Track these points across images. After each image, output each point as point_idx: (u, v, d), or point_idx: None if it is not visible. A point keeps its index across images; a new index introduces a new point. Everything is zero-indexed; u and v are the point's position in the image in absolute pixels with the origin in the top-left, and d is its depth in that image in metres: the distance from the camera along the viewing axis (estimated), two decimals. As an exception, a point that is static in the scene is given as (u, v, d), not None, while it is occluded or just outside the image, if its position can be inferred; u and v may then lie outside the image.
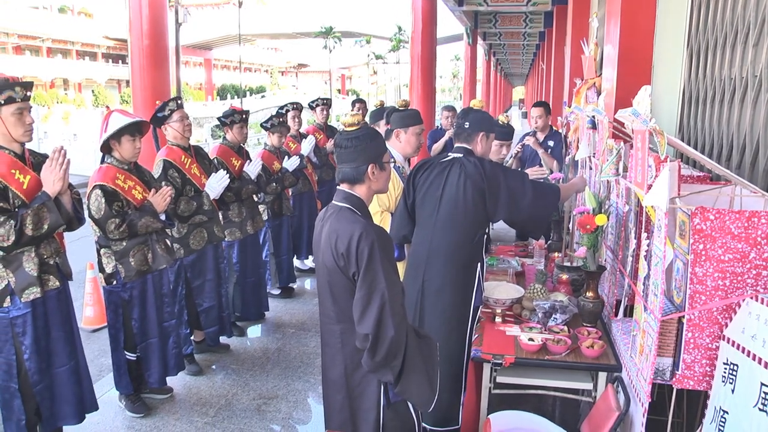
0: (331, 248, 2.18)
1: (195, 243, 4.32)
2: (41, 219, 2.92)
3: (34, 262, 3.01)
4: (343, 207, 2.26)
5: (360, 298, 2.13)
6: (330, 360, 2.38)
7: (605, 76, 4.24)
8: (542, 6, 13.53)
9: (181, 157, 4.22)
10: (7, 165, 2.93)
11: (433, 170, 3.24)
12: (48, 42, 47.90)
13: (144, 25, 8.61)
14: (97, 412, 3.79)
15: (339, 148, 2.29)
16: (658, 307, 2.13)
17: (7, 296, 2.98)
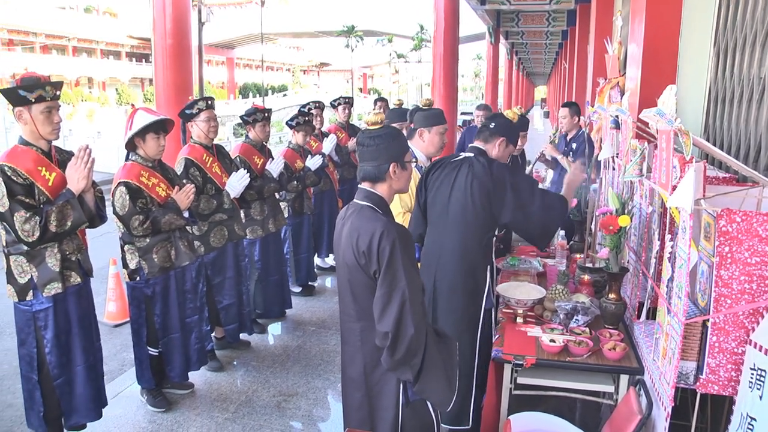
0: (352, 246, 2.18)
1: (215, 241, 4.35)
2: (65, 216, 2.96)
3: (56, 258, 3.06)
4: (364, 205, 2.27)
5: (380, 296, 2.14)
6: (349, 358, 2.38)
7: (629, 76, 4.19)
8: (565, 4, 13.42)
9: (202, 155, 4.26)
10: (34, 162, 2.99)
11: (444, 170, 3.26)
12: (74, 41, 48.60)
13: (167, 25, 8.70)
14: (119, 406, 3.85)
15: (361, 147, 2.29)
16: (682, 310, 2.09)
17: (30, 290, 3.04)
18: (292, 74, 73.76)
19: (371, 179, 2.30)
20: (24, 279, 3.04)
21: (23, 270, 3.04)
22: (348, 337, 2.37)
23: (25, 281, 3.04)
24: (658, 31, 3.76)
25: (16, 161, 2.94)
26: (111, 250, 4.05)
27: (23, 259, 3.02)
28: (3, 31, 42.96)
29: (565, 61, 18.94)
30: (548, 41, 23.27)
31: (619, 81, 4.53)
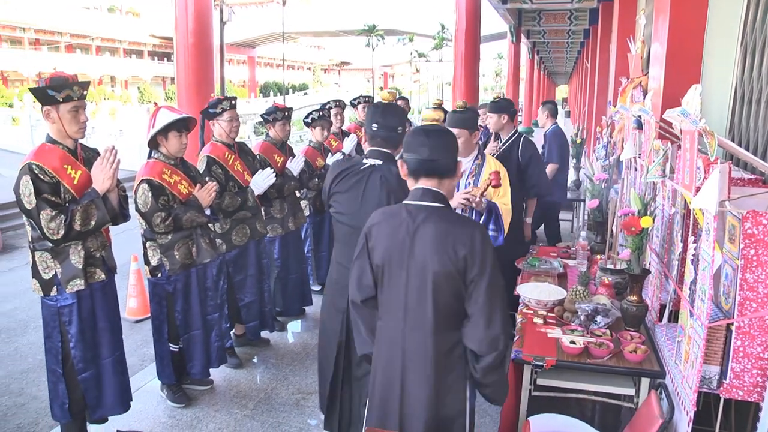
0: (447, 253, 2.04)
1: (237, 239, 4.38)
2: (89, 216, 3.01)
3: (80, 255, 3.10)
4: (437, 206, 2.13)
5: (486, 300, 2.04)
6: (414, 376, 2.16)
7: (652, 75, 4.14)
8: (587, 3, 13.31)
9: (224, 153, 4.29)
10: (60, 160, 3.03)
11: (350, 179, 2.93)
12: (97, 41, 49.26)
13: (189, 24, 8.78)
14: (139, 401, 3.89)
15: (431, 140, 2.15)
16: (705, 313, 2.07)
17: (54, 286, 3.09)
18: (313, 73, 74.02)
19: (440, 174, 2.15)
20: (48, 275, 3.09)
21: (47, 266, 3.09)
22: (412, 353, 2.14)
23: (50, 277, 3.09)
24: (683, 29, 3.70)
25: (44, 159, 2.99)
26: (132, 247, 4.10)
27: (48, 255, 3.07)
28: (30, 31, 43.66)
29: (586, 60, 18.78)
30: (570, 40, 23.12)
31: (641, 80, 4.48)
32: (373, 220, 2.23)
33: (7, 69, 41.73)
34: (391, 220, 2.15)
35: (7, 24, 41.82)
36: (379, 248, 2.15)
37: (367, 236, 2.22)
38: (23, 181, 2.94)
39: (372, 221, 2.23)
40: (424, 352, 2.14)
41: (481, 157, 4.03)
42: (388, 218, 2.17)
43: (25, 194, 2.93)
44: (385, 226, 2.15)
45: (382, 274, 2.16)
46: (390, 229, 2.13)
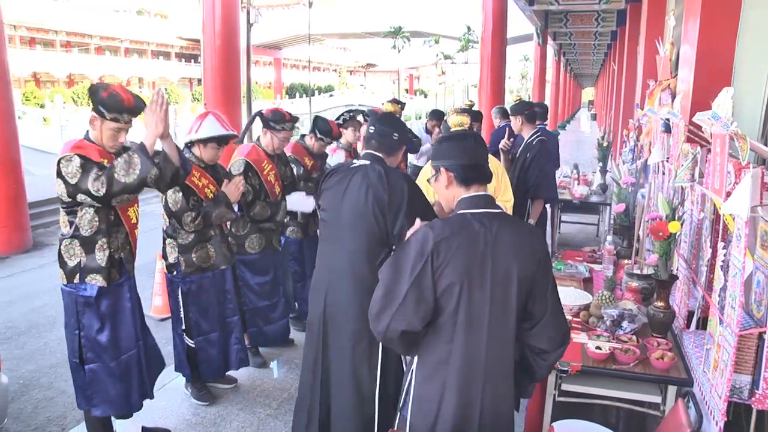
0: (528, 257, 2.00)
1: (250, 246, 4.32)
2: (132, 165, 2.94)
3: (104, 253, 3.12)
4: (501, 212, 2.08)
5: (556, 297, 2.07)
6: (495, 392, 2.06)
7: (681, 78, 4.08)
8: (615, 4, 13.19)
9: (262, 162, 4.25)
10: (98, 154, 3.08)
11: (335, 177, 2.90)
12: (126, 42, 50.01)
13: (217, 26, 8.90)
14: (164, 398, 3.93)
15: (478, 144, 2.14)
16: (736, 320, 2.03)
17: (77, 273, 3.12)
18: (339, 75, 74.27)
19: (489, 179, 2.13)
20: (73, 262, 3.12)
21: (73, 253, 3.11)
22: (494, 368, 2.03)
23: (74, 264, 3.12)
24: (714, 30, 3.64)
25: (83, 152, 3.02)
26: (159, 246, 4.16)
27: (76, 242, 3.10)
28: (62, 33, 44.53)
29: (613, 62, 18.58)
30: (597, 42, 22.92)
31: (670, 83, 4.42)
32: (438, 235, 1.95)
33: (39, 71, 42.57)
34: (464, 233, 1.97)
35: (41, 27, 42.70)
36: (454, 264, 1.94)
37: (432, 254, 1.93)
38: (65, 162, 2.95)
39: (436, 236, 1.95)
40: (504, 365, 2.07)
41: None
42: (459, 230, 1.97)
43: (70, 172, 2.94)
44: (458, 239, 1.95)
45: (460, 291, 1.95)
46: (466, 242, 1.95)
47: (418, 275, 1.93)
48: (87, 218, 3.05)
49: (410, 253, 1.96)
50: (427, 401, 2.04)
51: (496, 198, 3.96)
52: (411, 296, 1.93)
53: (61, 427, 3.84)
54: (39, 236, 9.23)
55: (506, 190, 4.12)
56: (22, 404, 4.12)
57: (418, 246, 1.95)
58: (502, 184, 4.10)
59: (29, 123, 22.25)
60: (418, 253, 1.94)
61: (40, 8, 41.31)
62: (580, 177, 8.02)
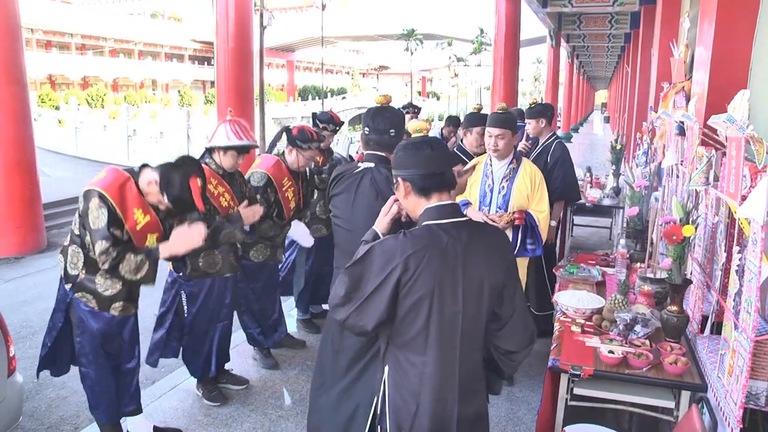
0: (498, 263, 2.01)
1: (255, 255, 4.28)
2: (139, 269, 3.02)
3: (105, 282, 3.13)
4: (467, 220, 2.03)
5: (521, 300, 2.10)
6: (469, 398, 2.07)
7: (696, 80, 4.05)
8: (629, 6, 13.11)
9: (284, 178, 4.21)
10: (135, 200, 3.05)
11: (344, 182, 2.88)
12: (140, 45, 50.48)
13: (230, 29, 8.94)
14: (175, 399, 3.95)
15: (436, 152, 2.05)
16: (752, 326, 2.01)
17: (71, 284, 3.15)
18: (352, 77, 74.42)
19: (451, 187, 2.06)
20: (73, 271, 3.14)
21: (76, 265, 3.12)
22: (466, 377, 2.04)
23: (73, 274, 3.14)
24: (730, 32, 3.61)
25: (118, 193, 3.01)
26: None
27: (81, 257, 3.10)
28: (77, 36, 44.98)
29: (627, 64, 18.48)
30: (610, 44, 22.81)
31: (684, 86, 4.39)
32: (406, 249, 1.89)
33: (55, 73, 43.03)
34: (433, 246, 1.91)
35: (56, 30, 43.18)
36: (424, 278, 1.88)
37: (399, 269, 1.87)
38: (94, 202, 2.94)
39: (404, 251, 1.89)
40: (476, 368, 2.07)
41: (516, 161, 4.00)
42: (428, 244, 1.91)
43: (93, 216, 2.95)
44: (427, 252, 1.89)
45: (430, 305, 1.91)
46: (436, 255, 1.90)
47: (379, 285, 1.89)
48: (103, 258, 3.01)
49: (377, 261, 1.91)
50: (404, 412, 2.01)
51: (528, 208, 3.94)
52: (369, 303, 1.92)
53: (74, 426, 3.87)
54: (53, 237, 9.32)
55: (541, 200, 3.95)
56: (37, 403, 4.16)
57: (385, 257, 1.90)
58: (537, 193, 3.96)
59: (44, 125, 22.47)
60: (384, 264, 1.89)
61: (56, 12, 41.86)
62: (593, 180, 7.97)
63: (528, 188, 3.93)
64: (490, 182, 4.01)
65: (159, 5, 57.35)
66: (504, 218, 3.84)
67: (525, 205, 3.92)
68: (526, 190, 3.93)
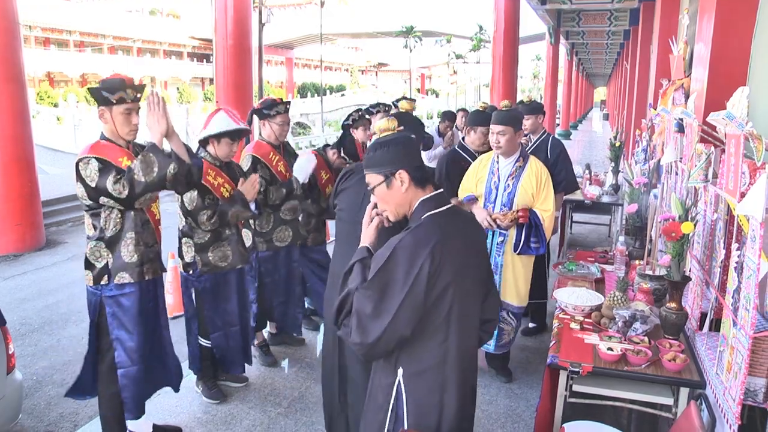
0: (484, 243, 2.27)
1: (279, 239, 4.36)
2: (149, 164, 2.99)
3: (128, 249, 3.15)
4: (454, 206, 2.13)
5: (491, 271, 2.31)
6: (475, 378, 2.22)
7: (695, 77, 4.05)
8: (628, 3, 13.11)
9: (269, 153, 4.30)
10: (115, 153, 3.11)
11: (352, 179, 2.93)
12: (138, 42, 50.34)
13: (229, 26, 8.92)
14: (175, 396, 3.95)
15: (417, 145, 2.22)
16: (750, 322, 2.01)
17: (105, 275, 3.15)
18: (350, 74, 74.32)
19: (432, 179, 2.16)
20: (100, 263, 3.15)
21: (100, 255, 3.14)
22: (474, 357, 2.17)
23: (101, 266, 3.15)
24: (729, 29, 3.60)
25: (100, 153, 3.06)
26: (170, 244, 4.17)
27: (102, 244, 3.13)
28: (75, 33, 44.90)
29: (626, 61, 18.48)
30: (609, 41, 22.79)
31: (683, 82, 4.39)
32: (429, 241, 1.92)
33: (53, 70, 42.94)
34: (449, 233, 1.97)
35: (55, 27, 43.09)
36: (448, 266, 1.93)
37: (427, 263, 1.89)
38: (83, 165, 2.99)
39: (428, 243, 1.91)
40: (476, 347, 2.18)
41: (522, 159, 4.00)
42: (445, 232, 1.96)
43: (89, 175, 2.98)
44: (447, 240, 1.95)
45: (454, 291, 1.96)
46: (452, 240, 1.97)
47: (412, 285, 1.89)
48: (112, 219, 3.09)
49: (402, 263, 1.90)
50: (427, 408, 2.02)
51: (534, 206, 3.94)
52: (406, 307, 1.89)
53: (74, 424, 3.87)
54: (52, 234, 9.32)
55: (546, 199, 3.94)
56: (36, 400, 4.16)
57: (410, 255, 1.90)
58: (542, 192, 3.95)
59: (43, 122, 22.42)
60: (411, 263, 1.89)
61: (55, 9, 41.69)
62: (592, 177, 7.97)
63: (533, 187, 3.93)
64: (496, 179, 4.02)
65: (157, 2, 57.25)
66: (508, 216, 3.85)
67: (530, 204, 3.93)
68: (531, 188, 3.93)
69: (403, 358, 2.01)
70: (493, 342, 4.13)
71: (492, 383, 4.25)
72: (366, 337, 1.91)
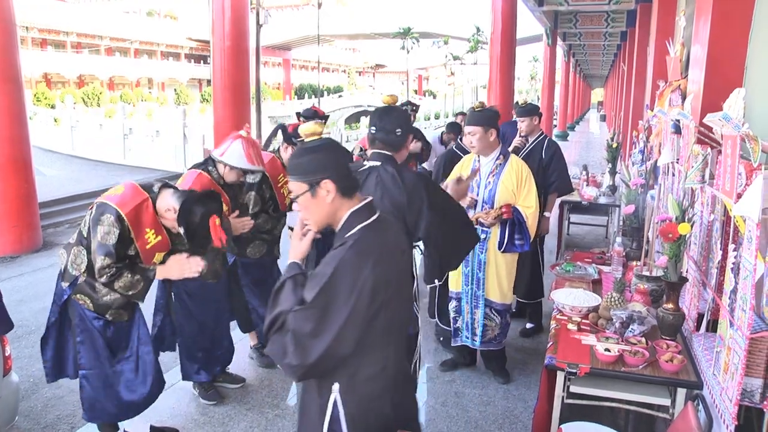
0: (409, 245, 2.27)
1: (252, 252, 4.30)
2: (133, 287, 3.06)
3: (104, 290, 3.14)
4: (380, 214, 2.05)
5: None
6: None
7: (692, 78, 4.05)
8: (625, 4, 13.15)
9: (279, 174, 4.24)
10: (149, 221, 3.07)
11: None
12: (136, 44, 50.30)
13: (226, 27, 8.93)
14: (172, 398, 3.95)
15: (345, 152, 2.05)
16: (747, 323, 2.01)
17: (69, 283, 3.16)
18: (348, 75, 74.33)
19: (359, 188, 2.09)
20: (73, 272, 3.14)
21: (78, 267, 3.12)
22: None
23: (72, 275, 3.14)
24: (726, 30, 3.61)
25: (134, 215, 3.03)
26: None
27: (84, 257, 3.10)
28: (72, 35, 44.83)
29: (623, 62, 18.50)
30: (606, 42, 22.84)
31: (680, 84, 4.39)
32: (371, 255, 1.85)
33: (50, 71, 42.86)
34: (385, 244, 1.94)
35: (52, 28, 43.02)
36: (386, 278, 1.89)
37: (374, 277, 1.84)
38: (105, 221, 2.97)
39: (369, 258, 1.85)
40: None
41: (503, 157, 4.05)
42: (380, 243, 1.92)
43: (103, 231, 2.98)
44: (383, 252, 1.91)
45: (390, 300, 1.90)
46: (388, 252, 1.94)
47: (356, 302, 1.80)
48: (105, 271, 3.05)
49: (344, 279, 1.81)
50: (365, 420, 1.95)
51: (516, 203, 3.96)
52: (349, 324, 1.81)
53: (71, 426, 3.86)
54: (49, 236, 9.30)
55: (528, 196, 3.97)
56: (33, 402, 4.15)
57: (350, 271, 1.82)
58: (524, 189, 3.97)
59: (40, 123, 22.36)
60: (352, 279, 1.81)
61: (52, 10, 41.63)
62: (590, 178, 7.97)
63: (514, 184, 3.97)
64: (477, 178, 4.07)
65: (155, 3, 57.14)
66: (491, 214, 3.89)
67: (511, 201, 3.97)
68: (512, 185, 3.97)
69: (340, 372, 1.91)
70: (478, 338, 4.17)
71: (489, 384, 4.26)
72: (306, 358, 1.80)
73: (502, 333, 4.20)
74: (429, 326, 4.97)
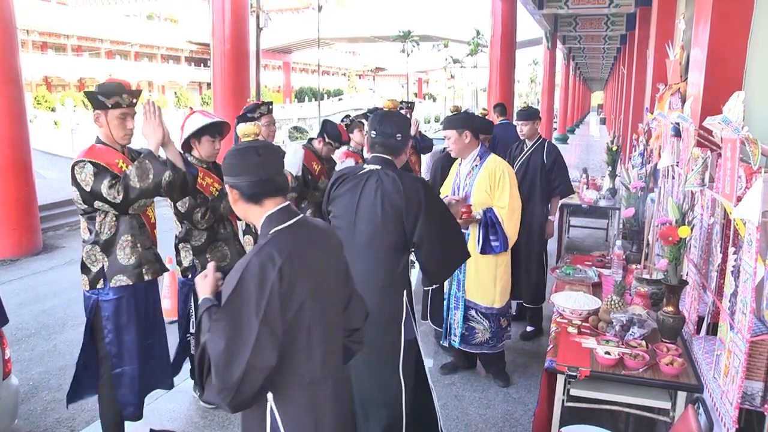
0: (339, 249, 2.10)
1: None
2: (145, 170, 3.02)
3: (125, 252, 3.16)
4: (303, 217, 2.01)
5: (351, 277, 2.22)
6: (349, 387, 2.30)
7: (691, 81, 4.06)
8: (625, 8, 13.15)
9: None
10: (111, 156, 3.12)
11: (347, 184, 2.91)
12: (136, 47, 50.33)
13: (226, 30, 8.95)
14: (172, 401, 3.94)
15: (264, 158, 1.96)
16: (747, 326, 2.01)
17: (100, 279, 3.15)
18: (348, 79, 74.40)
19: (283, 192, 2.01)
20: (95, 267, 3.15)
21: (96, 258, 3.14)
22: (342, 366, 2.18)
23: (97, 269, 3.15)
24: (725, 33, 3.61)
25: (95, 157, 3.07)
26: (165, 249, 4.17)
27: (97, 248, 3.13)
28: (73, 38, 44.89)
29: (623, 66, 18.53)
30: (606, 46, 22.89)
31: (680, 87, 4.40)
32: (276, 260, 1.77)
33: (51, 74, 42.91)
34: (299, 248, 1.87)
35: (52, 32, 43.08)
36: (301, 282, 1.82)
37: (277, 282, 1.76)
38: (79, 169, 3.01)
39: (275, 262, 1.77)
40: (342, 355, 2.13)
41: (479, 159, 4.05)
42: (291, 247, 1.84)
43: (84, 179, 2.99)
44: (294, 255, 1.83)
45: (311, 307, 1.84)
46: (303, 255, 1.87)
47: (266, 310, 1.74)
48: (107, 223, 3.10)
49: (249, 288, 1.75)
50: (306, 427, 1.90)
51: (491, 203, 3.94)
52: (264, 334, 1.73)
53: (70, 429, 3.85)
54: (49, 239, 9.29)
55: (502, 195, 3.92)
56: (32, 405, 4.15)
57: (256, 278, 1.75)
58: (498, 189, 3.93)
59: (40, 126, 22.38)
60: (259, 287, 1.74)
61: (52, 13, 41.70)
62: (590, 181, 7.98)
63: (488, 185, 3.95)
64: (458, 180, 4.13)
65: (155, 7, 57.26)
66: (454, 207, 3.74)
67: (486, 201, 3.95)
68: (486, 186, 3.96)
69: (274, 381, 1.84)
70: (458, 339, 4.11)
71: (489, 388, 4.25)
72: (229, 377, 1.71)
73: (495, 337, 4.10)
74: (429, 329, 4.97)
